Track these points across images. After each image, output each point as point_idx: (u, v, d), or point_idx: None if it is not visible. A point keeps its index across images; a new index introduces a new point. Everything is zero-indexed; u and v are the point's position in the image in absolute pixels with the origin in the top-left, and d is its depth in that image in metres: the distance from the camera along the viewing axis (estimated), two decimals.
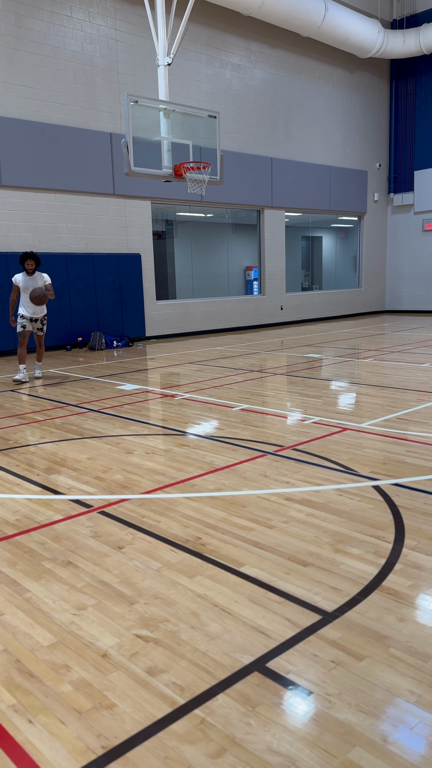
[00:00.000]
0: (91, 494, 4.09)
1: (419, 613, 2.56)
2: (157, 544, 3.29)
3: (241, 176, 15.28)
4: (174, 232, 17.22)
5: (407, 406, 6.42)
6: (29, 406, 7.04)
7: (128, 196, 13.43)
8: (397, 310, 20.26)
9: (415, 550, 3.12)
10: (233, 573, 2.94)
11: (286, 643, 2.37)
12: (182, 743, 1.89)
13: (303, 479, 4.25)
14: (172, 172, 9.46)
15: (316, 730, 1.92)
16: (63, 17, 12.04)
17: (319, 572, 2.92)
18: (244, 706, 2.04)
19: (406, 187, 19.41)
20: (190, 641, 2.41)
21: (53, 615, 2.63)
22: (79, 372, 9.72)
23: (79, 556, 3.17)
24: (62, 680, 2.20)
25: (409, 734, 1.90)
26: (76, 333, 12.86)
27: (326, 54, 17.11)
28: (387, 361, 9.67)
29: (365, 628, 2.46)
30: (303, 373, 8.75)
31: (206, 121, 9.88)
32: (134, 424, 6.01)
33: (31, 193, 12.00)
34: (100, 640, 2.44)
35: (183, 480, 4.31)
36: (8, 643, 2.44)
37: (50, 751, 1.88)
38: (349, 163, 18.43)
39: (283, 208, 16.75)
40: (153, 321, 14.34)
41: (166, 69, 9.51)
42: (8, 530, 3.53)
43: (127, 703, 2.08)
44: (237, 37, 15.02)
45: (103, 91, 12.77)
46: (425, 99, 18.60)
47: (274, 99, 16.11)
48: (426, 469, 4.38)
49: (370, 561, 3.02)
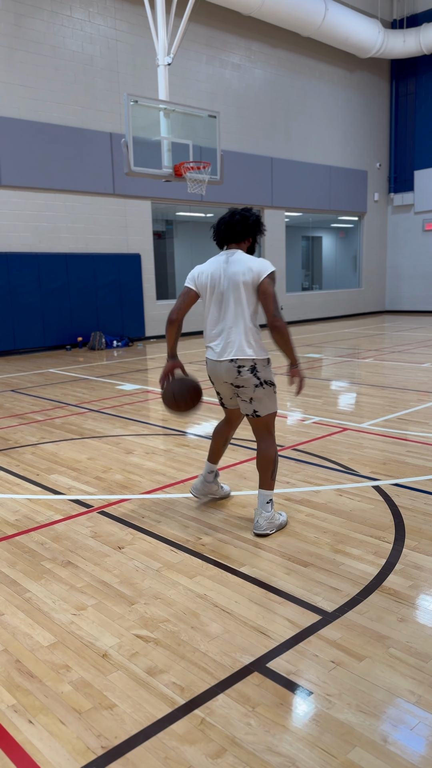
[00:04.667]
0: (91, 494, 4.09)
1: (419, 613, 2.56)
2: (157, 544, 3.29)
3: (241, 176, 15.27)
4: (174, 232, 17.21)
5: (407, 406, 6.42)
6: (29, 406, 7.04)
7: (128, 196, 13.43)
8: (397, 310, 20.25)
9: (415, 551, 3.12)
10: (233, 573, 2.94)
11: (286, 644, 2.37)
12: (182, 743, 1.89)
13: (303, 479, 4.25)
14: (172, 172, 9.45)
15: (316, 731, 1.92)
16: (63, 17, 12.04)
17: (319, 572, 2.92)
18: (244, 706, 2.04)
19: (406, 187, 19.40)
20: (190, 641, 2.41)
21: (53, 615, 2.63)
22: (79, 372, 9.72)
23: (79, 556, 3.17)
24: (62, 680, 2.20)
25: (409, 734, 1.90)
26: (76, 333, 12.85)
27: (326, 54, 17.10)
28: (387, 361, 9.67)
29: (365, 628, 2.46)
30: (303, 373, 8.74)
31: (206, 120, 9.87)
32: (134, 424, 6.01)
33: (31, 193, 12.00)
34: (100, 641, 2.43)
35: (183, 480, 4.31)
36: (8, 643, 2.44)
37: (50, 751, 1.88)
38: (349, 163, 18.42)
39: (283, 208, 16.74)
40: (153, 321, 14.33)
41: (166, 69, 9.51)
42: (8, 530, 3.53)
43: (127, 703, 2.08)
44: (237, 37, 15.01)
45: (103, 91, 12.76)
46: (425, 99, 18.59)
47: (274, 99, 16.11)
48: (426, 469, 4.38)
49: (370, 561, 3.02)
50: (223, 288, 3.24)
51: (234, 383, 3.30)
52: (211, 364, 3.39)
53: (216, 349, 3.32)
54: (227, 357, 3.27)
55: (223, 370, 3.30)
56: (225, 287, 3.23)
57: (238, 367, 3.25)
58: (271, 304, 3.17)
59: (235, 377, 3.28)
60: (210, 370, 3.42)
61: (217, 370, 3.35)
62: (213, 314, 3.32)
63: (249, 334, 3.25)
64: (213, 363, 3.36)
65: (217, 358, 3.32)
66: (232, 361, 3.26)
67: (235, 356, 3.25)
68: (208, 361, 3.42)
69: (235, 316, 3.23)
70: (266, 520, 3.31)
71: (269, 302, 3.17)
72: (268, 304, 3.18)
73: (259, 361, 3.27)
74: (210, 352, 3.38)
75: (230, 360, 3.26)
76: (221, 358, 3.30)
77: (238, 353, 3.24)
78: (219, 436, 3.73)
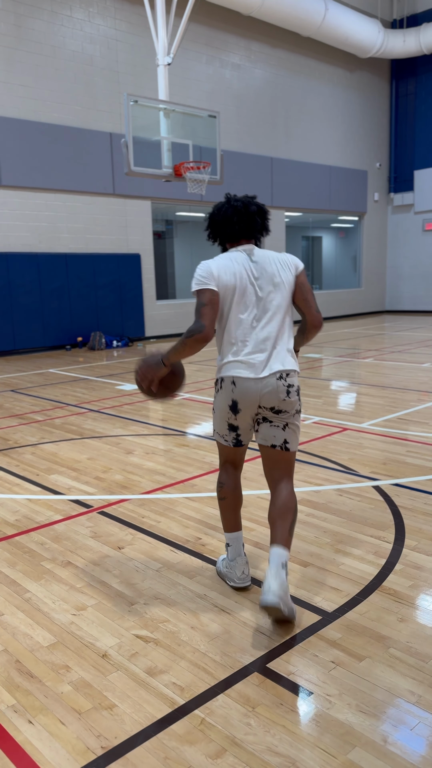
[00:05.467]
0: (91, 494, 4.09)
1: (419, 613, 2.56)
2: (157, 544, 3.29)
3: (241, 176, 15.27)
4: (174, 231, 17.21)
5: (407, 406, 6.42)
6: (29, 406, 7.04)
7: (128, 196, 13.43)
8: (397, 310, 20.25)
9: (415, 551, 3.12)
10: None
11: (286, 644, 2.37)
12: (182, 743, 1.89)
13: (303, 479, 4.24)
14: (172, 172, 9.45)
15: (316, 731, 1.92)
16: (63, 17, 12.04)
17: (319, 572, 2.92)
18: (244, 707, 2.03)
19: (406, 186, 19.40)
20: (190, 641, 2.41)
21: (53, 615, 2.63)
22: (78, 372, 9.72)
23: (78, 557, 3.17)
24: (62, 680, 2.20)
25: (409, 735, 1.90)
26: (75, 333, 12.85)
27: (326, 54, 17.10)
28: (387, 361, 9.67)
29: (365, 628, 2.46)
30: (303, 373, 8.74)
31: (206, 120, 9.87)
32: (134, 424, 6.01)
33: (31, 193, 12.00)
34: (99, 641, 2.43)
35: (183, 480, 4.31)
36: (8, 644, 2.44)
37: (50, 752, 1.88)
38: (349, 163, 18.42)
39: (283, 208, 16.74)
40: (153, 321, 14.34)
41: (166, 69, 9.50)
42: (8, 530, 3.53)
43: (126, 703, 2.07)
44: (237, 37, 15.01)
45: (103, 91, 12.76)
46: (425, 99, 18.59)
47: (274, 99, 16.11)
48: (426, 469, 4.38)
49: (370, 561, 3.02)
50: (262, 291, 2.59)
51: (276, 407, 2.59)
52: (243, 386, 2.58)
53: (254, 361, 2.57)
54: (274, 370, 2.57)
55: (264, 390, 2.56)
56: (264, 289, 2.60)
57: (288, 386, 2.59)
58: (313, 300, 2.69)
59: (281, 399, 2.58)
60: (240, 394, 2.59)
61: (251, 392, 2.58)
62: (243, 320, 2.60)
63: (290, 342, 2.68)
64: (247, 383, 2.58)
65: (256, 375, 2.57)
66: (281, 378, 2.57)
67: (283, 367, 2.58)
68: (237, 381, 2.59)
69: (282, 323, 2.63)
70: (285, 590, 2.41)
71: (311, 297, 2.69)
72: (310, 299, 2.68)
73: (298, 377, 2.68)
74: (240, 369, 2.59)
75: (278, 377, 2.57)
76: (262, 374, 2.56)
77: (287, 364, 2.60)
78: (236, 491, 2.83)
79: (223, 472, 2.85)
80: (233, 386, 2.60)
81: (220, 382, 2.66)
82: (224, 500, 2.81)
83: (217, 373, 2.69)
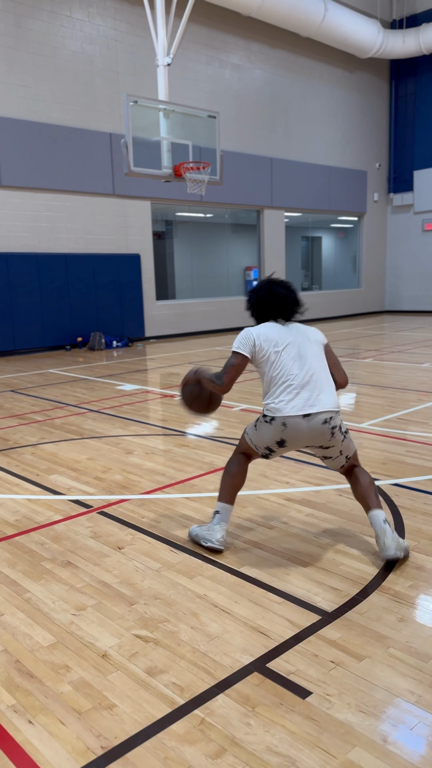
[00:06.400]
0: (91, 494, 4.09)
1: (419, 613, 2.56)
2: (157, 544, 3.29)
3: (240, 176, 15.27)
4: (174, 232, 17.21)
5: (407, 406, 6.42)
6: (29, 406, 7.04)
7: (128, 196, 13.43)
8: (397, 310, 20.25)
9: (415, 551, 3.12)
10: (233, 573, 2.94)
11: (286, 644, 2.37)
12: (182, 743, 1.89)
13: (303, 479, 4.25)
14: (171, 172, 9.46)
15: (315, 731, 1.92)
16: (63, 17, 12.04)
17: (319, 572, 2.92)
18: (244, 707, 2.04)
19: (406, 187, 19.40)
20: (190, 641, 2.41)
21: (53, 615, 2.63)
22: (78, 372, 9.72)
23: (78, 557, 3.17)
24: (62, 680, 2.20)
25: (409, 734, 1.90)
26: (75, 333, 12.85)
27: (326, 54, 17.10)
28: (387, 361, 9.67)
29: (365, 628, 2.46)
30: None
31: (206, 121, 9.87)
32: (134, 424, 6.01)
33: (31, 193, 12.00)
34: (99, 641, 2.43)
35: (183, 480, 4.31)
36: (8, 644, 2.44)
37: (50, 752, 1.88)
38: (348, 163, 18.42)
39: (282, 208, 16.74)
40: (152, 321, 14.34)
41: (165, 69, 9.51)
42: (8, 530, 3.53)
43: (126, 703, 2.08)
44: (237, 37, 15.01)
45: (102, 91, 12.76)
46: (425, 99, 18.59)
47: (274, 99, 16.11)
48: (426, 469, 4.38)
49: (370, 561, 3.02)
50: (301, 347, 2.96)
51: (324, 445, 2.96)
52: (294, 428, 2.87)
53: (303, 395, 2.88)
54: (320, 410, 2.87)
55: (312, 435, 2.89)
56: (301, 344, 2.97)
57: (332, 428, 2.90)
58: (340, 364, 3.16)
59: (327, 440, 2.93)
60: (290, 435, 2.90)
61: (301, 434, 2.89)
62: (292, 367, 2.91)
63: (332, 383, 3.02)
64: (296, 422, 2.86)
65: (304, 412, 2.85)
66: (325, 423, 2.87)
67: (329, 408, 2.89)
68: (288, 423, 2.87)
69: (322, 366, 2.99)
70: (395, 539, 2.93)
71: (338, 361, 3.15)
72: (337, 362, 3.13)
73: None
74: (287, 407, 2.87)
75: (323, 421, 2.87)
76: (311, 411, 2.85)
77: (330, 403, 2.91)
78: (243, 474, 3.23)
79: (237, 457, 3.21)
80: (284, 427, 2.90)
81: (270, 420, 2.93)
82: (230, 476, 3.18)
83: (266, 410, 2.96)
